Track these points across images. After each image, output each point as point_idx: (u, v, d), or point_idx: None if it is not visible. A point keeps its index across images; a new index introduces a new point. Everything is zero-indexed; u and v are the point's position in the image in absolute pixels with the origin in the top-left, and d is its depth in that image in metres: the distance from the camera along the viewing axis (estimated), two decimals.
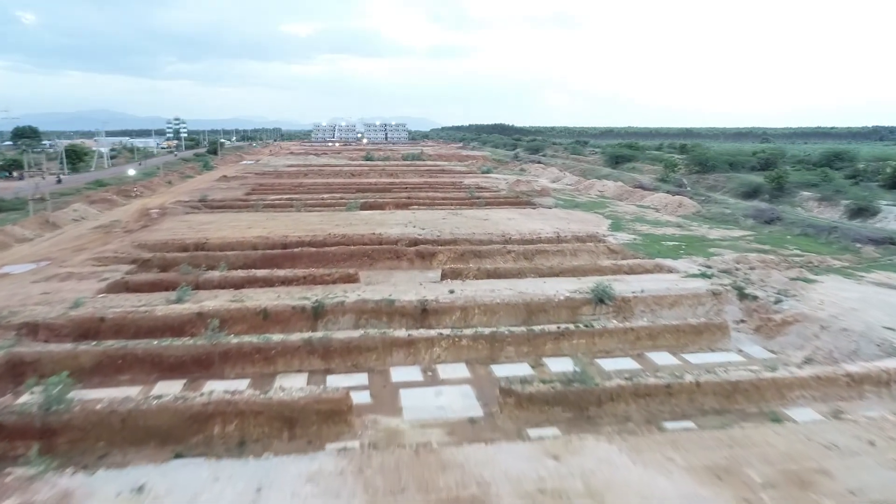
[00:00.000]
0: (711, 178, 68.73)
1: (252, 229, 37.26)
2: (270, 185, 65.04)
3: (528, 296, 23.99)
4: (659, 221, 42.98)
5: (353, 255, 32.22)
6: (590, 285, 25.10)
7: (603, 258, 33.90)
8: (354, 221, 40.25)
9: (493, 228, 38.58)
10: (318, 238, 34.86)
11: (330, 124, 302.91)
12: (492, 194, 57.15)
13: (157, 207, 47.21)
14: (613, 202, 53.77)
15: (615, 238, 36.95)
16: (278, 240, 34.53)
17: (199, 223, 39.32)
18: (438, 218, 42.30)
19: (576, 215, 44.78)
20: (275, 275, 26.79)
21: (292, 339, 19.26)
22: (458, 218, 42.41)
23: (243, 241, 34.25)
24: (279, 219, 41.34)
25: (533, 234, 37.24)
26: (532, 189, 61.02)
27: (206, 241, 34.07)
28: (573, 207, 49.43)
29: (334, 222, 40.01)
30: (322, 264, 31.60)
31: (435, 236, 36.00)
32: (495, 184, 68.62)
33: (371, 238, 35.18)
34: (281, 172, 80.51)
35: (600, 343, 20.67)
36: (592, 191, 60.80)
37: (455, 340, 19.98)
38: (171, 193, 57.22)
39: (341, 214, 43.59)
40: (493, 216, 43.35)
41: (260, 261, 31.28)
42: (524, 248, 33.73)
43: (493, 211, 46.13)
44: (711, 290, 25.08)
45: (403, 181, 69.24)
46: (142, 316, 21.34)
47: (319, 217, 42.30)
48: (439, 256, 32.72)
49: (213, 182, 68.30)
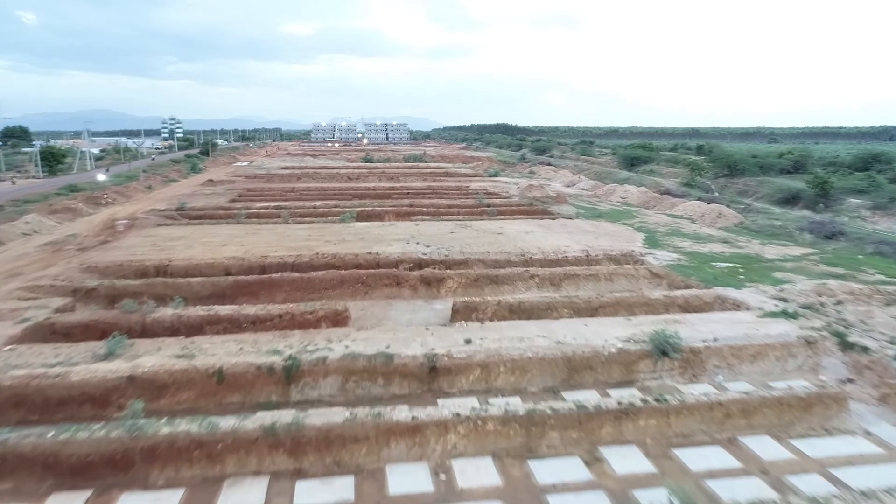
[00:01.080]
0: (741, 183, 62.99)
1: (227, 247, 31.64)
2: (259, 190, 59.41)
3: (569, 347, 18.36)
4: (699, 235, 37.28)
5: (344, 281, 26.60)
6: (644, 329, 19.54)
7: (644, 283, 28.33)
8: (348, 236, 34.61)
9: (509, 245, 32.93)
10: (304, 259, 29.23)
11: (330, 124, 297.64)
12: (503, 201, 51.51)
13: (126, 218, 41.64)
14: (640, 211, 48.07)
15: (655, 257, 31.30)
16: (255, 262, 28.92)
17: (168, 239, 33.71)
18: (445, 231, 36.64)
19: (603, 227, 39.08)
20: (243, 314, 21.13)
21: (248, 426, 13.60)
22: (467, 231, 36.75)
23: (213, 263, 28.63)
24: (262, 233, 35.71)
25: (558, 253, 31.59)
26: (547, 195, 55.35)
27: (168, 264, 28.44)
28: (596, 217, 43.76)
29: (325, 237, 34.37)
30: (306, 293, 26.03)
31: (442, 256, 30.37)
32: (505, 189, 62.98)
33: (366, 259, 29.53)
34: (273, 176, 74.89)
35: (677, 424, 15.01)
36: (614, 197, 55.09)
37: (477, 424, 14.34)
38: (148, 200, 51.63)
39: (334, 227, 37.95)
40: (508, 229, 37.69)
41: (231, 289, 25.70)
42: (550, 273, 28.10)
43: (507, 222, 40.46)
44: (803, 336, 19.42)
45: (405, 186, 63.62)
46: (51, 382, 15.74)
47: (308, 230, 36.65)
48: (448, 283, 27.10)
49: (197, 187, 62.71)
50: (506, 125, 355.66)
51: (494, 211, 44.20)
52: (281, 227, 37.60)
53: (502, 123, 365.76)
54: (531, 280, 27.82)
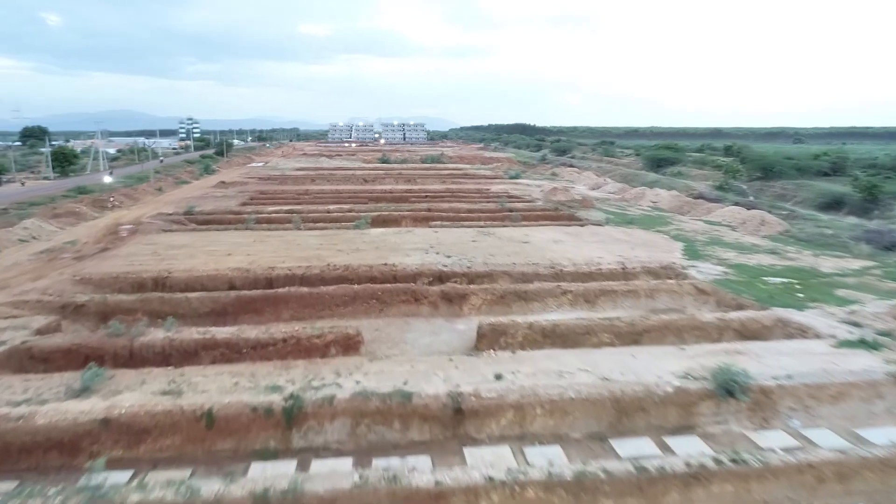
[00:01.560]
0: (778, 186, 59.62)
1: (232, 256, 29.40)
2: (272, 193, 57.32)
3: (616, 384, 15.68)
4: (743, 245, 34.26)
5: (356, 297, 24.15)
6: (702, 362, 16.84)
7: (689, 301, 25.54)
8: (362, 245, 32.19)
9: (537, 255, 30.27)
10: (314, 272, 26.85)
11: (347, 124, 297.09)
12: (526, 206, 48.78)
13: (131, 223, 39.65)
14: (674, 217, 45.05)
15: (699, 271, 28.43)
16: (261, 274, 26.60)
17: (170, 247, 31.57)
18: (467, 239, 34.07)
19: (636, 236, 36.21)
20: (242, 337, 18.74)
21: (235, 493, 11.18)
22: (490, 240, 34.13)
23: (216, 275, 26.36)
24: (270, 240, 33.44)
25: (591, 265, 28.85)
26: (572, 199, 52.51)
27: (168, 276, 26.23)
28: (628, 224, 40.87)
29: (337, 246, 31.99)
30: (315, 310, 23.65)
31: (464, 268, 27.79)
32: (527, 191, 60.24)
33: (382, 272, 27.05)
34: (286, 177, 72.89)
35: (759, 490, 12.29)
36: (644, 201, 52.06)
37: (514, 491, 11.76)
38: (156, 203, 49.76)
39: (347, 234, 35.58)
40: (535, 237, 35.00)
41: (233, 306, 23.41)
42: (584, 288, 25.40)
43: (532, 229, 37.75)
44: (892, 373, 16.53)
45: (422, 188, 61.15)
46: (13, 426, 13.48)
47: (320, 238, 34.30)
48: (472, 299, 24.53)
49: (208, 189, 60.85)
50: (523, 125, 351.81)
51: (518, 216, 41.50)
52: (291, 234, 35.30)
53: (520, 123, 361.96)
54: (563, 296, 25.13)
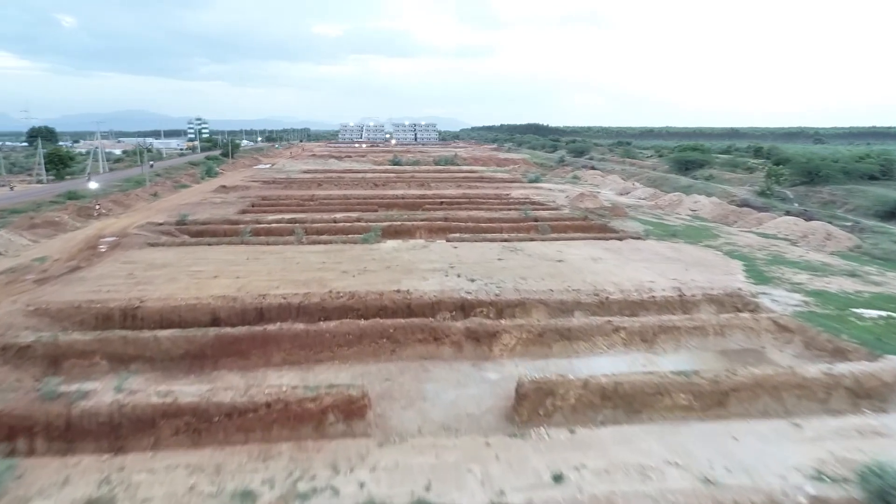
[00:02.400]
0: (826, 192, 54.54)
1: (219, 279, 25.10)
2: (274, 199, 53.13)
3: (727, 493, 11.14)
4: (813, 265, 29.47)
5: (363, 335, 19.76)
6: (832, 448, 12.29)
7: (768, 340, 20.95)
8: (371, 264, 27.78)
9: (576, 278, 25.71)
10: (313, 300, 22.47)
11: (358, 124, 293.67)
12: (552, 214, 44.17)
13: (115, 234, 35.59)
14: (720, 228, 40.24)
15: (772, 299, 23.74)
16: (251, 303, 22.26)
17: (149, 266, 27.35)
18: (491, 257, 29.57)
19: (686, 252, 31.51)
20: (214, 402, 14.37)
21: None
22: (519, 258, 29.61)
23: (197, 305, 22.05)
24: (266, 257, 29.15)
25: (641, 291, 24.25)
26: (601, 206, 47.84)
27: (139, 306, 21.95)
28: (671, 237, 36.14)
29: (342, 265, 27.62)
30: (313, 352, 19.33)
31: (492, 295, 23.29)
32: (550, 197, 55.61)
33: (394, 300, 22.63)
34: (292, 181, 68.71)
35: None
36: (681, 209, 47.25)
37: None
38: (148, 211, 45.72)
39: (354, 250, 31.21)
40: (569, 254, 30.43)
41: (212, 347, 19.11)
42: (640, 324, 20.86)
43: (565, 244, 33.16)
44: None
45: (437, 194, 56.70)
46: None
47: (323, 254, 29.96)
48: (504, 338, 20.06)
49: (208, 194, 56.79)
50: (537, 125, 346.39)
51: (546, 228, 36.91)
52: (291, 250, 30.97)
53: (533, 123, 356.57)
54: (615, 335, 20.59)
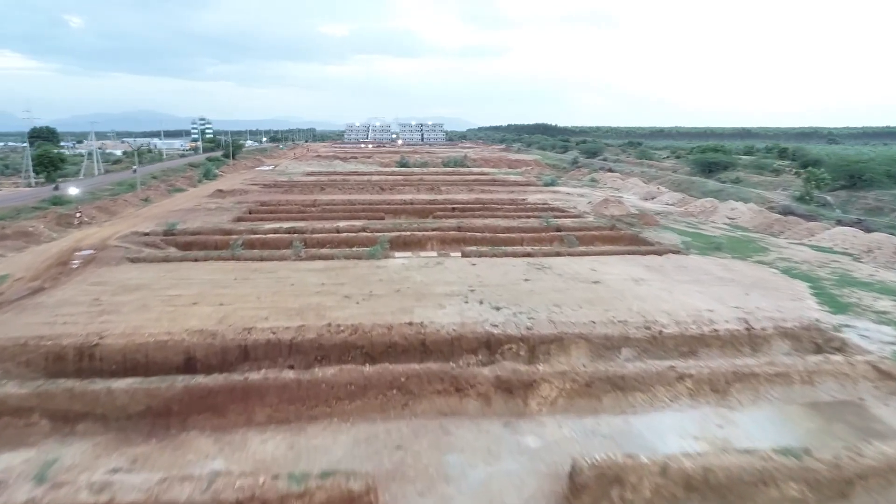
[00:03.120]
0: (871, 197, 50.29)
1: (199, 306, 21.30)
2: (274, 204, 49.39)
3: None
4: (889, 287, 25.39)
5: (369, 385, 15.94)
6: None
7: (867, 389, 17.07)
8: (378, 286, 23.92)
9: (619, 305, 21.77)
10: (308, 335, 18.64)
11: (364, 124, 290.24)
12: (576, 223, 40.20)
13: (94, 247, 31.95)
14: (765, 239, 36.14)
15: (859, 334, 19.76)
16: (234, 339, 18.46)
17: (122, 288, 23.60)
18: (516, 277, 25.67)
19: (740, 271, 27.47)
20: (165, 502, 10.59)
21: None
22: (548, 278, 25.68)
23: (168, 342, 18.26)
24: (257, 278, 25.35)
25: (700, 323, 20.30)
26: (628, 213, 43.87)
27: (98, 343, 18.17)
28: (714, 250, 32.12)
29: (344, 287, 23.78)
30: (305, 408, 15.58)
31: (523, 329, 19.41)
32: (569, 202, 51.64)
33: (406, 336, 18.78)
34: (294, 184, 64.97)
35: None
36: (717, 216, 43.13)
37: None
38: (136, 218, 42.07)
39: (359, 267, 27.38)
40: (605, 273, 26.48)
41: (181, 403, 15.34)
42: (709, 371, 16.93)
43: (598, 260, 29.22)
44: None
45: (448, 199, 52.82)
46: None
47: (323, 273, 26.14)
48: (542, 389, 16.21)
49: (203, 199, 53.13)
50: (545, 125, 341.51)
51: (573, 240, 32.96)
52: (286, 268, 27.16)
53: (541, 123, 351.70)
54: (679, 383, 16.67)
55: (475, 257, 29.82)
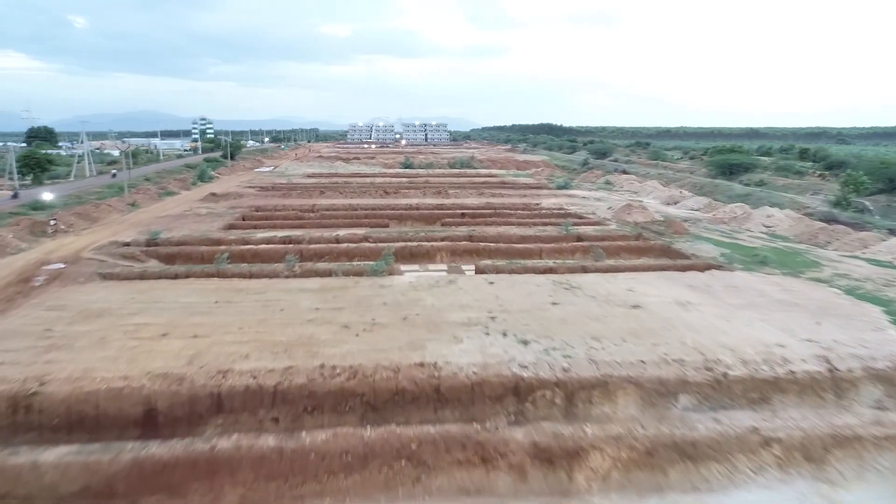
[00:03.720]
0: None
1: (168, 339, 17.84)
2: (269, 209, 46.00)
3: None
4: None
5: (370, 454, 12.51)
6: None
7: None
8: (381, 311, 20.42)
9: (670, 338, 18.22)
10: (296, 381, 15.14)
11: (367, 124, 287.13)
12: (598, 231, 36.65)
13: (65, 260, 28.58)
14: (813, 251, 32.51)
15: None
16: (205, 384, 14.98)
17: (80, 314, 20.18)
18: (543, 300, 22.14)
19: (800, 293, 23.87)
20: None
21: None
22: (580, 301, 22.13)
23: (123, 390, 14.80)
24: (242, 300, 21.89)
25: (770, 361, 16.74)
26: (654, 220, 40.33)
27: (37, 391, 14.74)
28: (759, 265, 28.57)
29: (342, 313, 20.30)
30: (289, 486, 12.23)
31: (559, 371, 15.88)
32: (586, 206, 48.10)
33: (416, 381, 15.26)
34: (293, 187, 61.55)
35: None
36: (750, 224, 39.52)
37: None
38: (119, 225, 38.72)
39: (360, 287, 23.90)
40: (644, 293, 22.94)
41: (126, 481, 12.00)
42: (801, 434, 13.41)
43: (632, 277, 25.69)
44: None
45: (457, 203, 49.32)
46: None
47: (319, 295, 22.68)
48: (592, 459, 12.79)
49: (195, 203, 49.77)
50: (549, 125, 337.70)
51: (600, 253, 29.45)
52: (275, 288, 23.69)
53: (546, 123, 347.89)
54: (765, 450, 13.19)
55: (492, 274, 26.32)
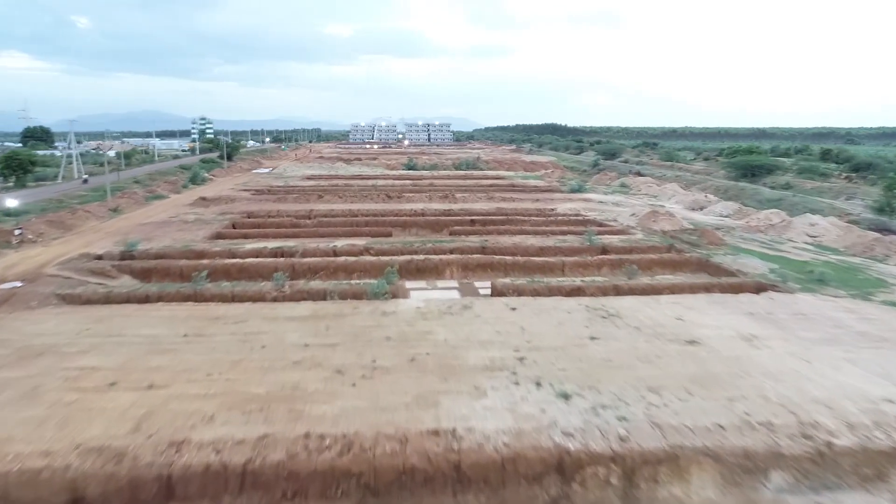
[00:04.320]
0: None
1: (115, 392, 14.20)
2: (263, 215, 42.37)
3: None
4: None
5: None
6: None
7: None
8: (385, 353, 16.72)
9: (744, 387, 14.53)
10: (272, 457, 11.50)
11: (369, 124, 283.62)
12: (623, 241, 32.93)
13: (23, 277, 25.01)
14: (873, 266, 28.76)
15: None
16: (150, 464, 11.34)
17: (15, 356, 16.56)
18: (578, 333, 18.44)
19: (879, 319, 20.14)
20: None
21: None
22: (622, 334, 18.42)
23: (41, 473, 11.15)
24: (215, 334, 18.23)
25: (884, 425, 13.08)
26: (682, 228, 36.64)
27: None
28: (817, 283, 24.84)
29: (336, 355, 16.61)
30: None
31: (613, 439, 12.24)
32: (605, 212, 44.40)
33: (430, 456, 11.62)
34: (290, 190, 57.90)
35: None
36: (793, 234, 35.73)
37: None
38: (95, 234, 35.17)
39: (358, 315, 20.24)
40: (696, 323, 19.25)
41: None
42: None
43: (677, 301, 21.97)
44: None
45: (465, 209, 45.62)
46: None
47: (309, 325, 19.02)
48: None
49: (183, 207, 46.21)
50: (554, 125, 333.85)
51: (635, 269, 25.77)
52: (259, 316, 20.04)
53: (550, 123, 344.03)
54: None
55: (513, 296, 22.64)
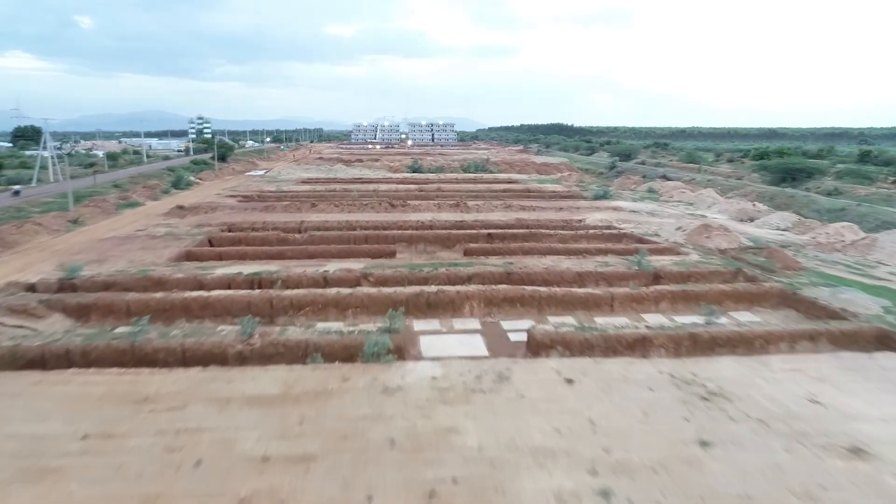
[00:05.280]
0: None
1: None
2: (246, 228, 36.40)
3: None
4: None
5: None
6: None
7: None
8: (385, 477, 10.68)
9: None
10: None
11: (372, 124, 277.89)
12: (677, 264, 26.81)
13: None
14: None
15: None
16: None
17: None
18: (678, 436, 12.41)
19: None
20: None
21: None
22: (744, 432, 12.40)
23: None
24: (134, 429, 12.27)
25: None
26: (744, 247, 30.63)
27: None
28: None
29: (310, 480, 10.63)
30: None
31: None
32: (641, 223, 38.35)
33: None
34: (282, 196, 51.91)
35: None
36: (881, 254, 29.60)
37: None
38: (39, 254, 29.34)
39: (348, 392, 14.25)
40: (842, 409, 13.25)
41: None
42: None
43: (791, 363, 15.94)
44: None
45: (480, 219, 39.57)
46: None
47: (274, 412, 13.03)
48: None
49: (155, 218, 40.30)
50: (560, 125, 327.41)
51: (715, 312, 19.68)
52: (202, 398, 14.03)
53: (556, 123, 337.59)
54: None
55: (558, 349, 16.63)
